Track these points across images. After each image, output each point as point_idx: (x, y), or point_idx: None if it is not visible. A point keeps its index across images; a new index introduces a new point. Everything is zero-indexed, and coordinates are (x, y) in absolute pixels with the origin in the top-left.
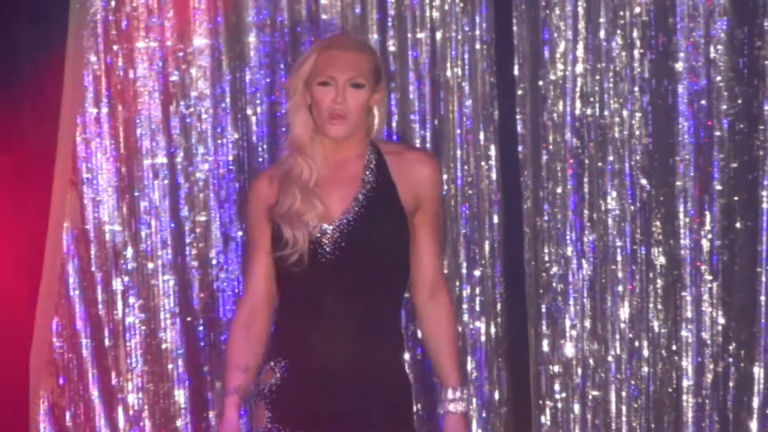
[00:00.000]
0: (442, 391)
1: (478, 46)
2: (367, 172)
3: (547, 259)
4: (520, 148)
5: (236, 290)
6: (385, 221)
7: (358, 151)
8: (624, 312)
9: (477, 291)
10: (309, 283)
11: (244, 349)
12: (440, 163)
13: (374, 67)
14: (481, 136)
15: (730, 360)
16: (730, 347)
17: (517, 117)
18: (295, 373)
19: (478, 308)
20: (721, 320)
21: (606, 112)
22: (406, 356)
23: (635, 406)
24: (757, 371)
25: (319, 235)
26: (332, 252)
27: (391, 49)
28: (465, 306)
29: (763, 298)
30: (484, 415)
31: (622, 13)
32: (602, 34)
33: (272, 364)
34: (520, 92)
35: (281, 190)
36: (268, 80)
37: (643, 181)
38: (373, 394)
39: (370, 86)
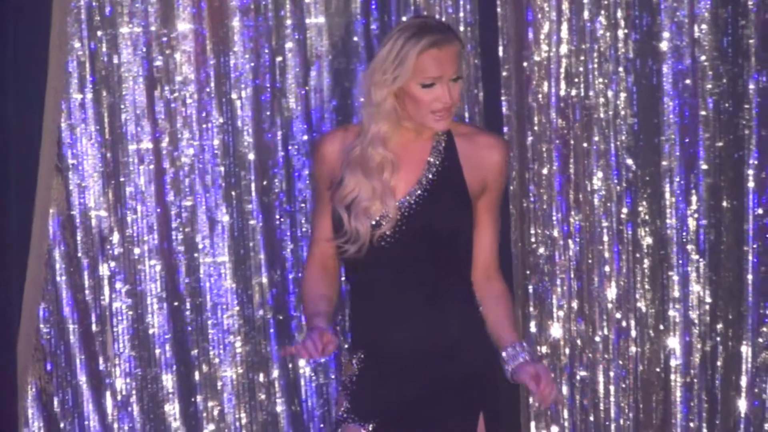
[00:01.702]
0: (505, 350)
1: (462, 28)
2: (435, 154)
3: (533, 240)
4: (505, 129)
5: (222, 273)
6: (447, 204)
7: (430, 133)
8: (611, 292)
9: None
10: (371, 269)
11: (324, 285)
12: (510, 148)
13: (461, 51)
14: (466, 117)
15: (718, 339)
16: (718, 326)
17: (502, 98)
18: (369, 363)
19: None
20: (709, 299)
21: (591, 93)
22: None
23: (623, 386)
24: (745, 350)
25: (378, 218)
26: (392, 235)
27: (376, 32)
28: None
29: (750, 276)
30: None
31: None
32: (586, 14)
33: (351, 357)
34: (504, 74)
35: (350, 171)
36: (252, 64)
37: (629, 161)
38: (451, 375)
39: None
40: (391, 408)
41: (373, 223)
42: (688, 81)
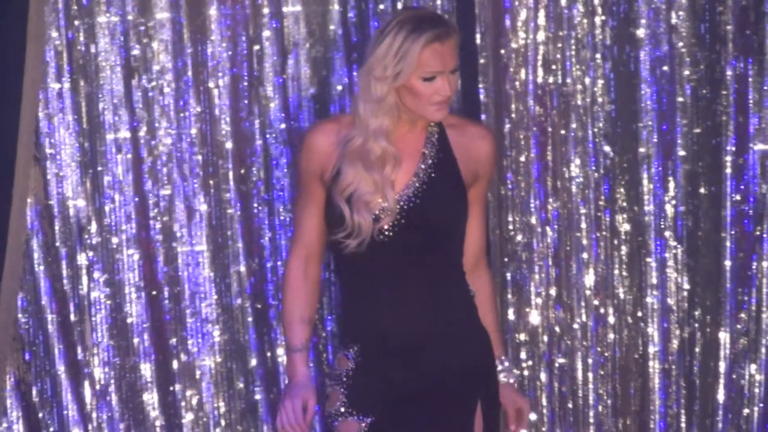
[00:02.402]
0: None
1: None
2: (429, 146)
3: (511, 227)
4: (483, 116)
5: (200, 262)
6: (445, 196)
7: (422, 124)
8: (589, 279)
9: None
10: (368, 262)
11: (304, 301)
12: (497, 138)
13: (458, 41)
14: None
15: (696, 325)
16: (696, 312)
17: (480, 86)
18: (367, 357)
19: None
20: (686, 286)
21: (568, 80)
22: None
23: (602, 373)
24: (723, 336)
25: (377, 211)
26: (391, 228)
27: (353, 20)
28: None
29: (727, 262)
30: None
31: None
32: (563, 1)
33: (345, 351)
34: (482, 61)
35: (348, 163)
36: (229, 53)
37: (607, 148)
38: (450, 365)
39: None
40: (390, 400)
41: (373, 216)
42: (665, 68)
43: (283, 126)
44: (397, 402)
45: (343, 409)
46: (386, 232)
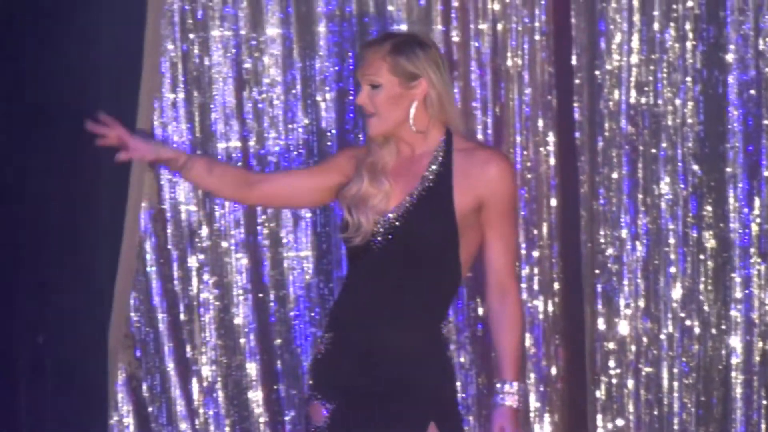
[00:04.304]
0: (497, 382)
1: (537, 37)
2: (432, 168)
3: (602, 240)
4: (577, 134)
5: (304, 267)
6: (428, 221)
7: (431, 148)
8: (676, 292)
9: (535, 271)
10: (361, 268)
11: (227, 171)
12: (510, 164)
13: (388, 58)
14: (540, 123)
15: None
16: None
17: (575, 105)
18: (336, 347)
19: (536, 287)
20: None
21: (659, 101)
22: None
23: (686, 382)
24: None
25: (377, 224)
26: (381, 242)
27: (455, 39)
28: (524, 285)
29: None
30: (541, 389)
31: (675, 6)
32: (656, 26)
33: (322, 335)
34: (577, 81)
35: (355, 172)
36: (336, 68)
37: (695, 167)
38: (403, 378)
39: (394, 83)
40: (348, 394)
41: (374, 219)
42: (752, 91)
43: None
44: (354, 397)
45: (310, 392)
46: (378, 244)
